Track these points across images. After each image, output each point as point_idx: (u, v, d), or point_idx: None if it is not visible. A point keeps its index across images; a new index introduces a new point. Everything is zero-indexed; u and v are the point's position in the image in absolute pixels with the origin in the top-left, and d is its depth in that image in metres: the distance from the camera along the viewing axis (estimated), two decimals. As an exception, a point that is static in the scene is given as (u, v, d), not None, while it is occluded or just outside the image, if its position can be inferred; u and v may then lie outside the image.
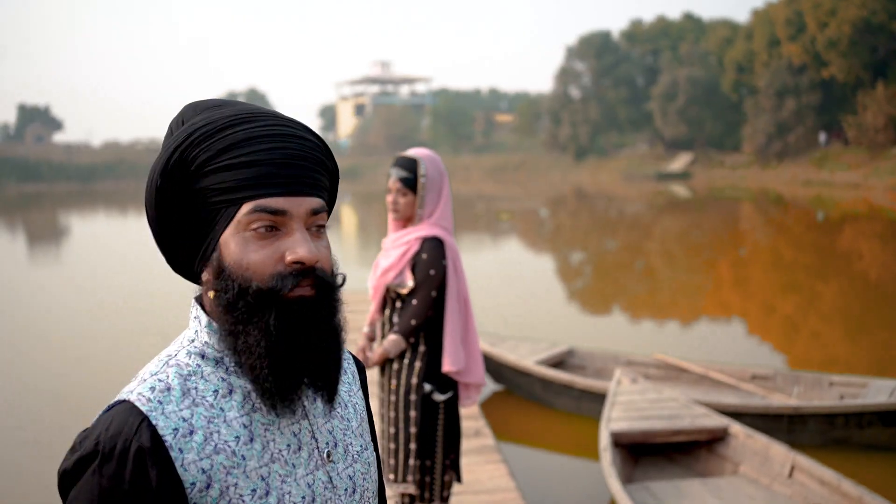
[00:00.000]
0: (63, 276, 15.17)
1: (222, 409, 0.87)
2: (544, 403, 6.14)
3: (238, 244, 0.86)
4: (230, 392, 0.88)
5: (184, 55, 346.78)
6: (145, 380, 0.86)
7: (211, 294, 0.88)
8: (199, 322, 0.91)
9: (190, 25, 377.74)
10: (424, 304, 2.70)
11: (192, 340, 0.91)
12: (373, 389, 4.59)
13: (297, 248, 0.85)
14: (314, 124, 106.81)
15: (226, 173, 0.85)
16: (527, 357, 6.38)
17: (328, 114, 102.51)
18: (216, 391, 0.88)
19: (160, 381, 0.86)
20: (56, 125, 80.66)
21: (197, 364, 0.89)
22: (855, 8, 36.88)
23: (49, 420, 6.42)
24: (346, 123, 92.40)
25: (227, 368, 0.89)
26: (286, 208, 0.86)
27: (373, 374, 5.06)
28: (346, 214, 30.24)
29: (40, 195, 51.66)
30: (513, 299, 10.97)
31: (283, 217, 0.86)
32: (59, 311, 11.10)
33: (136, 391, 0.85)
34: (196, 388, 0.87)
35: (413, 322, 2.70)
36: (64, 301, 11.94)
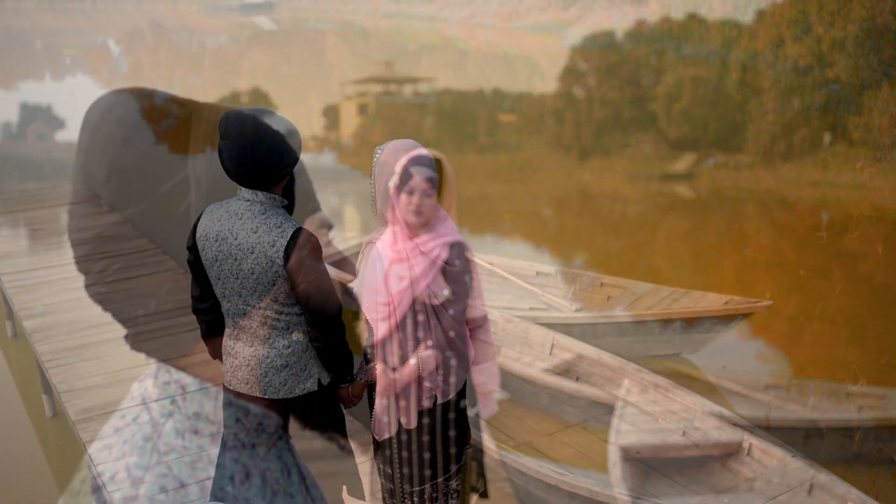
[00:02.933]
0: (64, 275, 15.02)
1: None
2: (550, 413, 5.95)
3: None
4: None
5: (185, 54, 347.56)
6: None
7: None
8: None
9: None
10: (462, 313, 2.56)
11: None
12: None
13: None
14: (318, 124, 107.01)
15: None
16: (532, 364, 6.20)
17: (331, 113, 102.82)
18: None
19: None
20: (58, 123, 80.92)
21: None
22: (861, 8, 36.69)
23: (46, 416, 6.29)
24: (349, 123, 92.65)
25: None
26: None
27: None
28: (349, 214, 30.08)
29: (42, 193, 51.73)
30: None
31: None
32: (59, 310, 10.94)
33: None
34: None
35: (452, 333, 2.54)
36: (64, 299, 11.78)
